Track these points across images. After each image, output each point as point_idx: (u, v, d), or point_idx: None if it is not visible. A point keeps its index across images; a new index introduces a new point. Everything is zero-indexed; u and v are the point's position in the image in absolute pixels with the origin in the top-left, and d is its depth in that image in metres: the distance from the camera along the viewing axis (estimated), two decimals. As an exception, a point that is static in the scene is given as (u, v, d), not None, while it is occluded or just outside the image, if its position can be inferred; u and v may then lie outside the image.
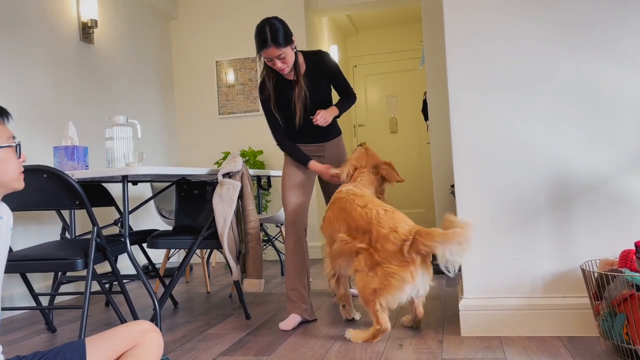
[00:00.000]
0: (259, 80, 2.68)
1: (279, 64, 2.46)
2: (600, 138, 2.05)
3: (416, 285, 2.08)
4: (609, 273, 1.77)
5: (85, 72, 3.90)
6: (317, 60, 2.62)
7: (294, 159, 2.64)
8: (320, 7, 4.94)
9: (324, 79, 2.63)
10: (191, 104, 5.11)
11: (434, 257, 2.01)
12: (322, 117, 2.53)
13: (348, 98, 2.72)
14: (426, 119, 4.84)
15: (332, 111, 2.60)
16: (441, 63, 4.56)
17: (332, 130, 2.73)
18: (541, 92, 2.10)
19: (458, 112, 2.17)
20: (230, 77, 4.98)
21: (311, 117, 2.55)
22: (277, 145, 2.69)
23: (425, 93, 4.80)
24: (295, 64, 2.53)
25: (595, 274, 1.82)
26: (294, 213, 2.57)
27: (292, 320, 2.44)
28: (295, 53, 2.52)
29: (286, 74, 2.55)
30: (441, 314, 2.49)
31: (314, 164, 2.59)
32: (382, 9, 5.17)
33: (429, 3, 4.62)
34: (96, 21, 3.89)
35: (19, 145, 1.26)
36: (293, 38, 2.46)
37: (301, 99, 2.55)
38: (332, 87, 2.70)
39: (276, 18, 2.45)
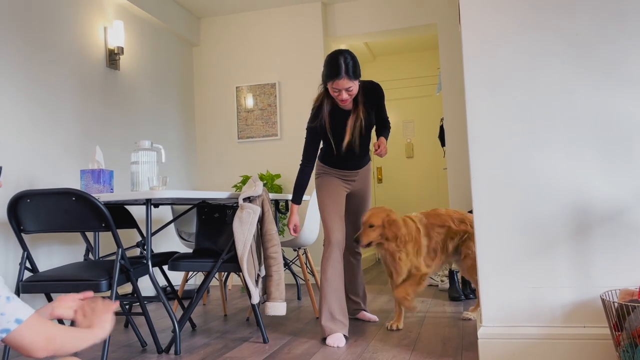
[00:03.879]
0: (312, 107, 2.81)
1: (344, 96, 2.56)
2: (620, 168, 2.07)
3: None
4: (629, 304, 1.77)
5: (111, 97, 4.03)
6: (373, 91, 2.77)
7: (295, 190, 2.82)
8: (338, 35, 5.05)
9: (373, 109, 2.80)
10: (211, 128, 5.22)
11: (452, 282, 2.02)
12: (385, 150, 2.74)
13: (387, 128, 2.92)
14: (443, 145, 4.87)
15: (386, 146, 2.80)
16: (458, 90, 4.61)
17: (367, 158, 2.96)
18: (560, 121, 2.13)
19: (476, 140, 2.20)
20: (249, 102, 5.08)
21: (376, 151, 2.73)
22: (300, 165, 2.82)
23: (442, 119, 4.85)
24: (356, 98, 2.68)
25: (616, 304, 1.82)
26: (339, 233, 2.71)
27: (340, 339, 2.53)
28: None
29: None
30: (459, 342, 2.48)
31: (294, 208, 2.82)
32: (399, 36, 5.26)
33: (446, 31, 4.70)
34: (122, 48, 4.03)
35: (0, 168, 1.28)
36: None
37: (357, 128, 2.70)
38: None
39: (348, 51, 2.60)
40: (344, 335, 2.59)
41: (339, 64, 2.51)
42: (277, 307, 2.66)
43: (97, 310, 1.22)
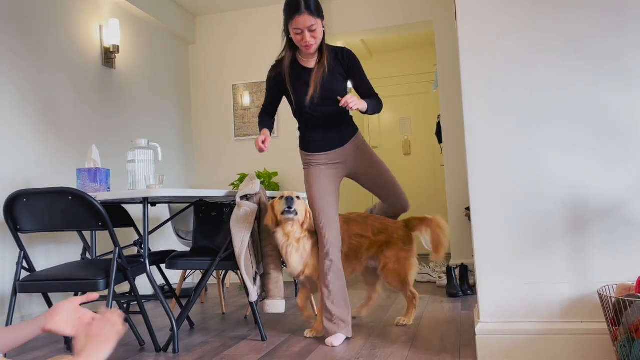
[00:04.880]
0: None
1: (307, 37, 2.36)
2: (617, 162, 2.07)
3: None
4: (626, 298, 1.77)
5: (107, 96, 4.01)
6: (342, 53, 2.57)
7: (259, 127, 2.70)
8: (335, 32, 5.04)
9: (343, 75, 2.57)
10: (208, 127, 5.21)
11: (450, 278, 2.01)
12: (351, 100, 2.38)
13: (374, 99, 2.60)
14: (440, 141, 4.87)
15: (362, 102, 2.47)
16: (455, 86, 4.61)
17: (348, 131, 2.67)
18: (556, 117, 2.13)
19: (473, 137, 2.20)
20: (246, 100, 5.08)
21: (339, 97, 2.41)
22: (259, 115, 2.79)
23: (439, 116, 4.85)
24: (322, 48, 2.50)
25: (613, 299, 1.82)
26: (333, 232, 2.54)
27: (339, 338, 2.48)
28: (323, 39, 2.48)
29: (307, 56, 2.51)
30: (457, 338, 2.49)
31: (264, 130, 2.63)
32: (396, 33, 5.26)
33: (442, 27, 4.69)
34: (118, 47, 4.01)
35: None
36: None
37: (319, 78, 2.47)
38: (353, 87, 2.65)
39: None
40: (347, 337, 2.53)
41: (298, 0, 2.33)
42: (276, 305, 2.65)
43: (97, 336, 1.12)
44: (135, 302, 2.69)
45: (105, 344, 1.11)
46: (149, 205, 2.84)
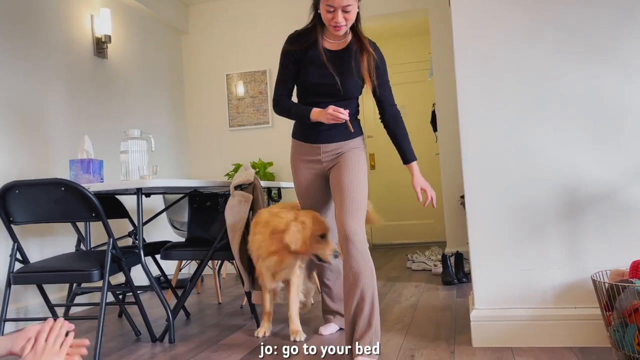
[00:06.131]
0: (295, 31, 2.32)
1: (339, 17, 2.07)
2: (611, 148, 2.07)
3: None
4: (619, 284, 1.78)
5: (99, 87, 3.98)
6: (374, 47, 2.26)
7: (295, 116, 2.27)
8: (329, 21, 5.00)
9: (361, 73, 2.25)
10: (202, 117, 5.18)
11: (445, 266, 2.00)
12: (433, 197, 2.28)
13: (397, 119, 2.43)
14: (435, 130, 4.86)
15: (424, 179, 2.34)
16: (450, 74, 4.58)
17: (346, 133, 2.29)
18: (550, 104, 2.12)
19: (467, 124, 2.20)
20: (240, 89, 5.05)
21: (420, 200, 2.25)
22: (273, 104, 2.32)
23: (434, 104, 4.84)
24: (357, 32, 2.21)
25: (606, 285, 1.83)
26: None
27: (332, 327, 2.50)
28: (356, 21, 2.20)
29: (333, 37, 2.22)
30: (452, 325, 2.50)
31: (315, 112, 2.18)
32: (391, 21, 5.22)
33: (437, 15, 4.67)
34: (110, 37, 3.97)
35: None
36: None
37: (370, 68, 2.18)
38: (372, 90, 2.31)
39: None
40: (341, 327, 2.51)
41: None
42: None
43: (45, 352, 1.10)
44: (131, 293, 2.69)
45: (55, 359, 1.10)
46: (143, 196, 2.83)
